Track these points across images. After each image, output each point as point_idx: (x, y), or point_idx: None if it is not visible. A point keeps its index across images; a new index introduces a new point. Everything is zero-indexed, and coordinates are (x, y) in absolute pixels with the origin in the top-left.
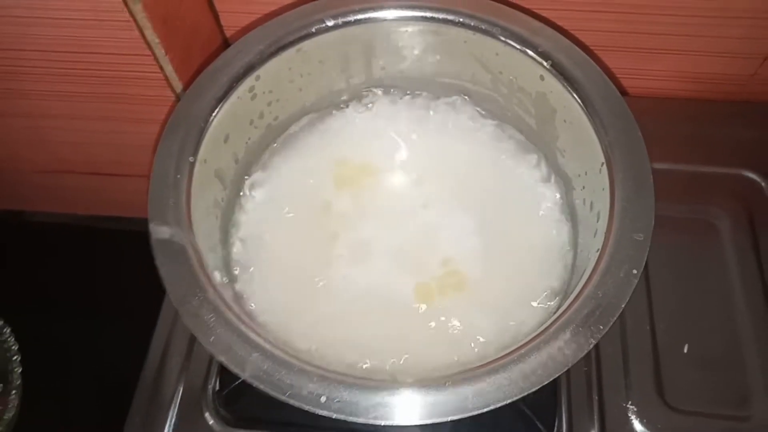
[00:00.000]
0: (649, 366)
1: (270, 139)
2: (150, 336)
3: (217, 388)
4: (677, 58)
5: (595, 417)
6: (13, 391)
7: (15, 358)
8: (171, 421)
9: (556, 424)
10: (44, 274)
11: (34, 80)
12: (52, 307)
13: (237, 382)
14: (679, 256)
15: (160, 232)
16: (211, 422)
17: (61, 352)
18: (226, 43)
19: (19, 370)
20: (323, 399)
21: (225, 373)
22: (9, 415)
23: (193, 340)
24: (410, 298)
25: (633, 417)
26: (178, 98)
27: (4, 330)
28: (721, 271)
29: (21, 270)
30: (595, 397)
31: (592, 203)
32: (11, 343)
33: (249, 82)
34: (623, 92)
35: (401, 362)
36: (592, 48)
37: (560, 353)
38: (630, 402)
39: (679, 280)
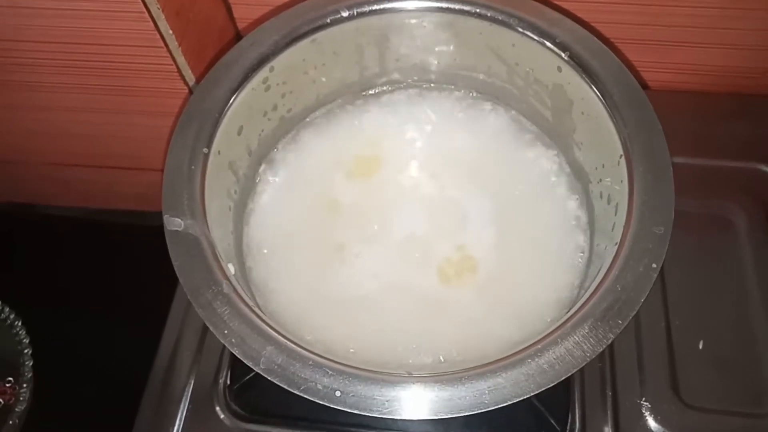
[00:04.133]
0: (663, 362)
1: (283, 131)
2: (161, 330)
3: (228, 382)
4: (694, 50)
5: (609, 413)
6: (24, 385)
7: (26, 351)
8: (182, 415)
9: (569, 419)
10: (55, 268)
11: (46, 72)
12: (63, 300)
13: (248, 377)
14: (694, 251)
15: (174, 223)
16: (222, 416)
17: (72, 345)
18: (238, 36)
19: (30, 364)
20: (338, 393)
21: (236, 367)
22: (20, 408)
23: (204, 333)
24: (425, 284)
25: (647, 413)
26: (190, 91)
27: (16, 323)
28: (737, 266)
29: (32, 263)
30: (609, 393)
31: (609, 196)
32: (22, 337)
33: (263, 73)
34: (641, 85)
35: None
36: (610, 40)
37: (578, 348)
38: (644, 398)
39: (695, 276)
